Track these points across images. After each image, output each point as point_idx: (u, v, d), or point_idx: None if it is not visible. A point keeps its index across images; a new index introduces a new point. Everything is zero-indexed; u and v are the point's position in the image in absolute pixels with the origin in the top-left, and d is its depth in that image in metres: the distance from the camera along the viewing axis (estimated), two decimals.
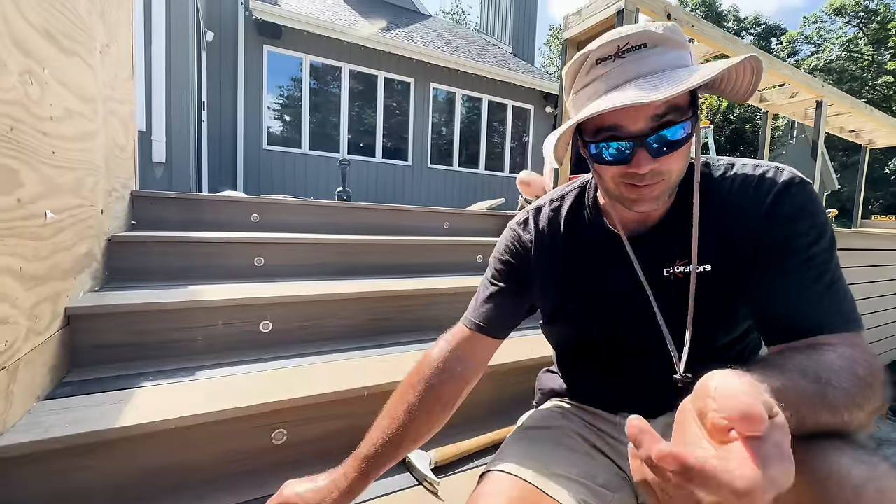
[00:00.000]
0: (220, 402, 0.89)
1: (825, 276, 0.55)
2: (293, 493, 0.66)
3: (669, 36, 0.53)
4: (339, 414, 1.00)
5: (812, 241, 0.56)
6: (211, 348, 1.19)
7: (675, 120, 0.54)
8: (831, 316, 0.53)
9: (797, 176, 0.59)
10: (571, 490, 0.65)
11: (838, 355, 0.48)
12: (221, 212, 1.89)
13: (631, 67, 0.53)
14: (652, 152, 0.55)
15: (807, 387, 0.43)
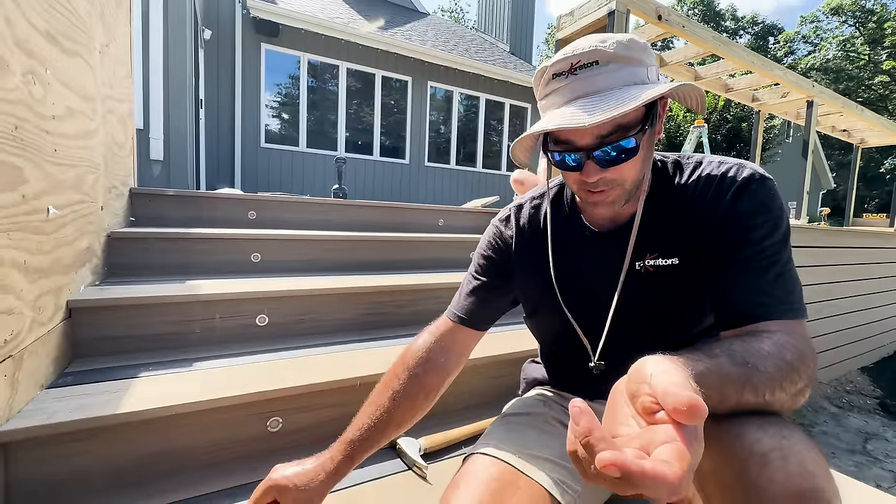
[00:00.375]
0: (216, 391, 0.93)
1: (774, 267, 0.58)
2: (282, 475, 0.67)
3: (622, 53, 0.56)
4: (333, 403, 1.03)
5: (765, 235, 0.59)
6: (209, 341, 1.22)
7: (620, 137, 0.57)
8: (775, 305, 0.57)
9: (757, 173, 0.62)
10: (548, 470, 0.68)
11: (773, 342, 0.51)
12: (219, 209, 1.92)
13: (579, 85, 0.57)
14: (600, 164, 0.59)
15: (732, 370, 0.46)
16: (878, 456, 2.78)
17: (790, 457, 0.42)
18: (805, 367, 0.50)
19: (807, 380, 0.50)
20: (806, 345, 0.53)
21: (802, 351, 0.52)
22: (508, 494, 0.63)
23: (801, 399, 0.51)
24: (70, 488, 0.79)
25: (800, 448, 0.43)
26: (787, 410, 0.51)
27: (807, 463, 0.41)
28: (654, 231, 0.69)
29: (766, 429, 0.44)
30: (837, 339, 3.68)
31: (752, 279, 0.59)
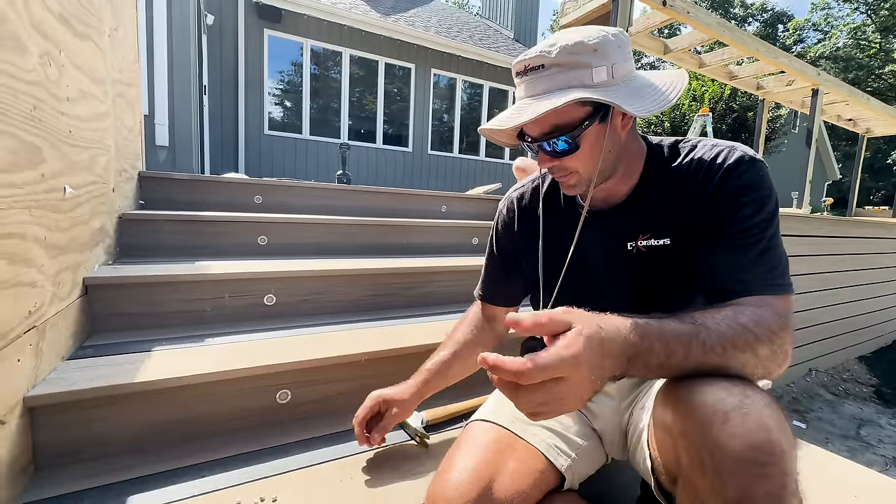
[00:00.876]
0: (228, 364, 0.97)
1: (758, 245, 0.61)
2: (385, 392, 0.90)
3: (562, 59, 0.61)
4: (339, 377, 1.08)
5: (751, 214, 0.62)
6: (219, 318, 1.27)
7: (558, 135, 0.64)
8: (753, 281, 0.60)
9: (747, 154, 0.65)
10: (543, 436, 0.73)
11: (735, 311, 0.55)
12: (226, 193, 1.95)
13: (528, 87, 0.64)
14: (548, 154, 0.67)
15: (679, 327, 0.51)
16: (872, 441, 2.83)
17: (750, 414, 0.45)
18: (767, 333, 0.53)
19: (771, 346, 0.53)
20: (776, 317, 0.56)
21: (767, 320, 0.54)
22: (507, 455, 0.68)
23: (772, 367, 0.54)
24: (91, 451, 0.84)
25: (759, 406, 0.46)
26: (759, 376, 0.54)
27: (764, 419, 0.45)
28: (647, 212, 0.72)
29: (730, 390, 0.48)
30: (836, 328, 3.71)
31: (735, 257, 0.62)
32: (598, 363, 0.46)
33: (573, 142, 0.64)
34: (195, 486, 0.79)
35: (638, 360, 0.49)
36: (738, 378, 0.51)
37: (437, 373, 0.91)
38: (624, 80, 0.64)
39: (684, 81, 0.68)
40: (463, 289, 1.68)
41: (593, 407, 0.83)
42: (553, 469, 0.70)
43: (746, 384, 0.50)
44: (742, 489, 0.43)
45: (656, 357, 0.49)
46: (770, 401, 0.48)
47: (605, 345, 0.46)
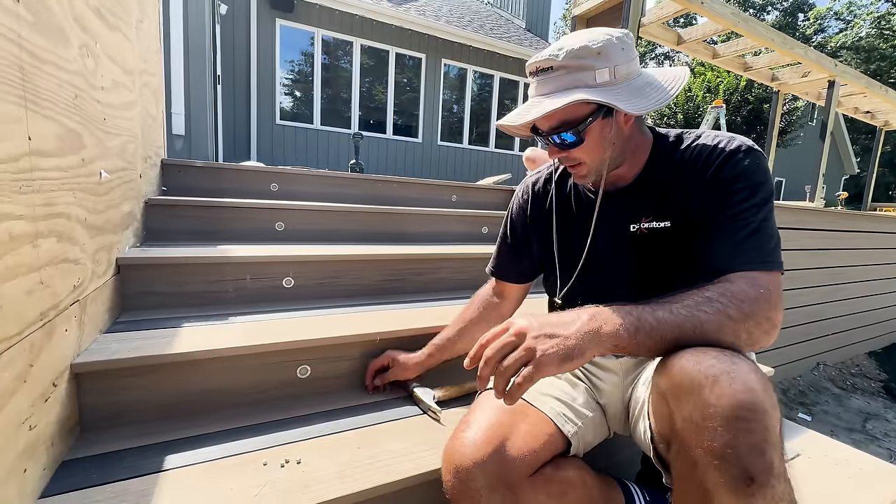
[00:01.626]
0: (252, 340, 1.03)
1: (748, 226, 0.66)
2: (395, 352, 1.11)
3: (567, 62, 0.68)
4: (356, 355, 1.13)
5: (743, 198, 0.67)
6: (241, 299, 1.33)
7: (563, 130, 0.71)
8: (740, 258, 0.65)
9: (745, 144, 0.70)
10: (553, 404, 0.79)
11: (705, 286, 0.62)
12: (243, 181, 2.01)
13: (540, 85, 0.71)
14: (557, 146, 0.74)
15: (646, 304, 0.62)
16: (877, 435, 2.85)
17: (737, 378, 0.50)
18: (735, 301, 0.59)
19: (741, 315, 0.59)
20: (753, 287, 0.61)
21: (735, 290, 0.61)
22: (519, 419, 0.73)
23: (757, 333, 0.60)
24: (130, 416, 0.91)
25: (745, 371, 0.51)
26: (745, 343, 0.59)
27: (750, 382, 0.50)
28: (650, 196, 0.77)
29: (719, 358, 0.53)
30: (846, 322, 3.70)
31: (726, 238, 0.67)
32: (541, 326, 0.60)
33: (578, 136, 0.71)
34: (224, 448, 0.85)
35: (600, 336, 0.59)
36: (728, 349, 0.56)
37: (442, 347, 1.04)
38: (626, 79, 0.70)
39: (685, 77, 0.73)
40: (472, 276, 1.73)
41: (598, 383, 0.88)
42: (560, 435, 0.75)
43: (735, 354, 0.55)
44: (729, 442, 0.47)
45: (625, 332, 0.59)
46: (755, 368, 0.53)
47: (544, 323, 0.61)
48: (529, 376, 0.55)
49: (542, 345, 0.57)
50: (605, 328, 0.58)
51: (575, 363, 0.56)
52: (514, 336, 0.59)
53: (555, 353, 0.56)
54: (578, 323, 0.59)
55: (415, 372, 1.07)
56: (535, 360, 0.56)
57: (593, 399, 0.86)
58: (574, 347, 0.56)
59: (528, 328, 0.59)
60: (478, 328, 1.01)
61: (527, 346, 0.57)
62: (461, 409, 1.08)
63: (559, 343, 0.57)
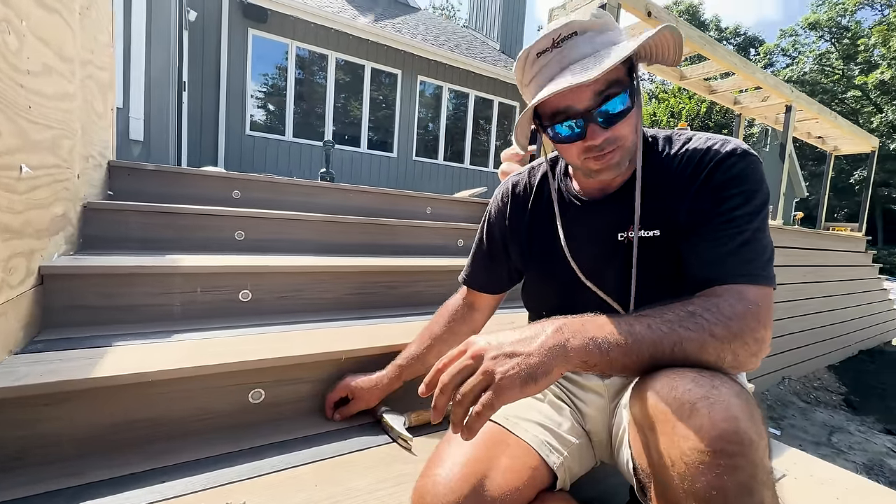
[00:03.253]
0: (196, 360, 0.90)
1: (740, 236, 0.60)
2: (353, 380, 0.98)
3: (595, 21, 0.60)
4: (318, 376, 1.02)
5: (736, 206, 0.61)
6: (189, 314, 1.19)
7: (616, 92, 0.61)
8: (729, 271, 0.59)
9: (739, 148, 0.64)
10: (536, 431, 0.70)
11: (689, 300, 0.56)
12: (202, 187, 1.87)
13: (566, 55, 0.60)
14: (602, 125, 0.62)
15: (624, 317, 0.55)
16: (843, 448, 2.91)
17: (716, 404, 0.44)
18: (723, 319, 0.53)
19: (728, 333, 0.52)
20: (741, 303, 0.55)
21: (722, 305, 0.54)
22: (499, 450, 0.64)
23: (743, 353, 0.53)
24: (38, 454, 0.76)
25: (727, 395, 0.45)
26: (731, 364, 0.53)
27: (732, 409, 0.43)
28: (640, 203, 0.71)
29: (698, 381, 0.46)
30: (807, 337, 3.82)
31: (715, 247, 0.61)
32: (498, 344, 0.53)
33: (631, 100, 0.62)
34: (153, 491, 0.72)
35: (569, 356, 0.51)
36: (708, 370, 0.49)
37: (407, 367, 0.95)
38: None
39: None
40: (447, 290, 1.64)
41: (583, 407, 0.80)
42: (545, 467, 0.67)
43: (715, 375, 0.48)
44: (712, 483, 0.41)
45: (598, 356, 0.52)
46: (739, 390, 0.47)
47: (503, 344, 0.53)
48: (489, 404, 0.47)
49: (502, 366, 0.49)
50: (573, 342, 0.51)
51: (540, 384, 0.49)
52: (471, 359, 0.51)
53: (515, 374, 0.48)
54: (542, 337, 0.52)
55: (379, 398, 0.97)
56: (495, 385, 0.48)
57: (579, 424, 0.78)
58: (537, 366, 0.49)
59: (486, 348, 0.52)
60: (446, 344, 0.93)
61: (484, 369, 0.49)
62: (437, 434, 0.98)
63: (520, 362, 0.49)
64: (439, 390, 0.51)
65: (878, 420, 3.37)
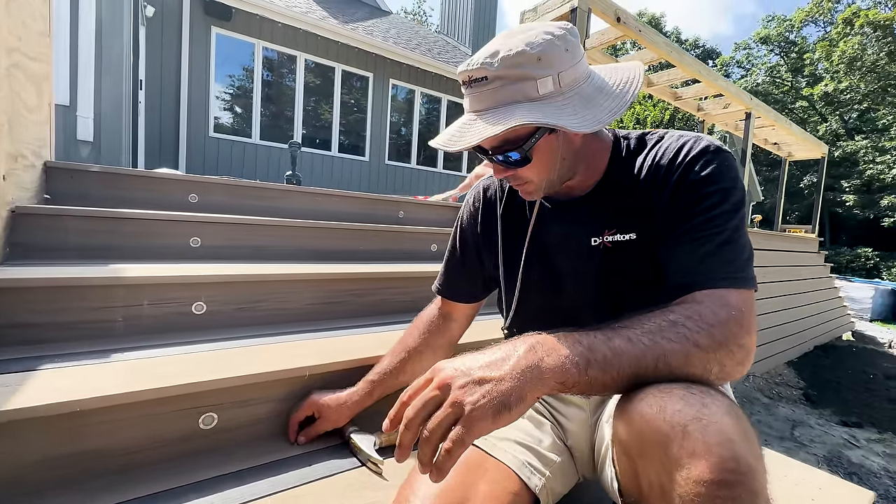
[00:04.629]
0: (138, 384, 0.80)
1: (718, 237, 0.57)
2: (320, 398, 0.90)
3: (505, 72, 0.57)
4: (277, 396, 0.93)
5: (713, 204, 0.58)
6: (134, 330, 1.08)
7: (509, 149, 0.61)
8: (708, 275, 0.56)
9: (713, 145, 0.62)
10: (515, 451, 0.65)
11: (668, 308, 0.53)
12: (155, 190, 1.73)
13: (474, 100, 0.61)
14: (501, 165, 0.64)
15: (601, 329, 0.51)
16: (805, 441, 3.02)
17: (710, 426, 0.40)
18: (705, 327, 0.49)
19: (712, 343, 0.49)
20: (723, 309, 0.52)
21: (704, 312, 0.51)
22: (476, 476, 0.59)
23: (729, 363, 0.49)
24: None
25: (719, 415, 0.41)
26: (717, 376, 0.49)
27: (726, 429, 0.40)
28: (612, 205, 0.68)
29: (687, 398, 0.43)
30: (769, 335, 3.98)
31: (693, 249, 0.58)
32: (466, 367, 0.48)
33: (524, 155, 0.61)
34: None
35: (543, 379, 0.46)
36: (695, 384, 0.46)
37: (381, 382, 0.89)
38: (573, 86, 0.60)
39: (640, 77, 0.65)
40: (421, 297, 1.58)
41: (564, 421, 0.76)
42: (527, 491, 0.62)
43: (704, 391, 0.44)
44: None
45: (575, 376, 0.47)
46: (729, 406, 0.43)
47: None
48: (459, 440, 0.42)
49: (471, 395, 0.44)
50: (548, 361, 0.46)
51: (514, 413, 0.44)
52: (437, 389, 0.46)
53: (486, 403, 0.43)
54: (514, 358, 0.47)
55: (348, 417, 0.90)
56: (464, 417, 0.43)
57: (560, 440, 0.74)
58: (509, 392, 0.44)
59: (454, 376, 0.46)
60: (422, 358, 0.89)
61: (452, 400, 0.44)
62: (410, 458, 0.91)
63: (490, 390, 0.44)
64: (404, 426, 0.46)
65: (834, 413, 3.53)
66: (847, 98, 17.46)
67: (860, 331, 6.07)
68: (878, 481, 2.54)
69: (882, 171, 15.20)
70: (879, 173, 15.30)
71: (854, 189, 16.42)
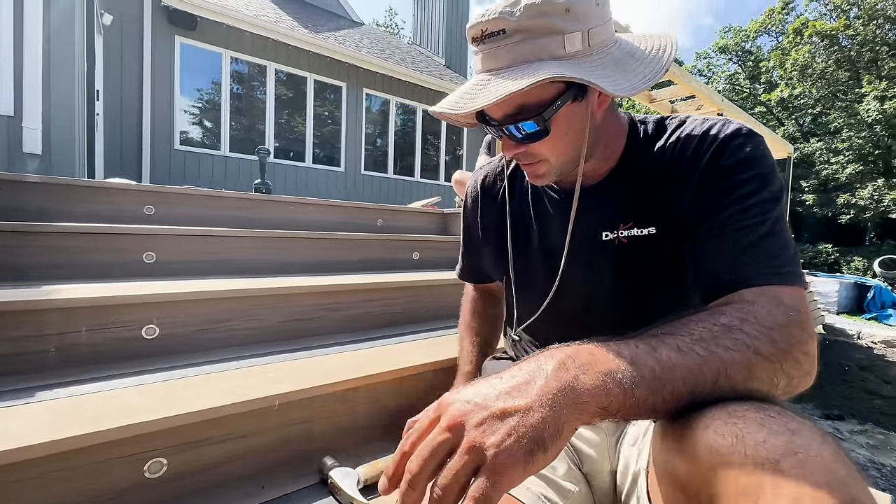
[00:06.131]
0: (66, 429, 0.66)
1: (760, 227, 0.49)
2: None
3: (528, 24, 0.49)
4: (241, 432, 0.80)
5: (751, 192, 0.51)
6: (70, 361, 0.92)
7: (522, 118, 0.53)
8: (754, 270, 0.48)
9: (744, 127, 0.55)
10: (530, 484, 0.57)
11: (715, 311, 0.44)
12: (105, 201, 1.57)
13: (488, 57, 0.52)
14: (513, 139, 0.56)
15: (644, 338, 0.41)
16: None
17: (809, 463, 0.30)
18: (762, 329, 0.41)
19: (773, 344, 0.40)
20: (779, 309, 0.43)
21: (760, 313, 0.42)
22: None
23: (795, 373, 0.41)
24: None
25: (816, 446, 0.31)
26: (783, 390, 0.41)
27: (832, 468, 0.30)
28: (627, 196, 0.61)
29: (768, 424, 0.33)
30: None
31: (732, 242, 0.50)
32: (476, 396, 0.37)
33: (543, 125, 0.52)
34: None
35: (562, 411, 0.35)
36: (765, 402, 0.37)
37: (478, 366, 0.86)
38: (602, 47, 0.52)
39: (673, 45, 0.57)
40: (408, 307, 1.47)
41: (580, 445, 0.66)
42: None
43: (782, 411, 0.35)
44: None
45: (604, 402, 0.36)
46: (824, 436, 0.33)
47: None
48: (484, 497, 0.31)
49: (493, 435, 0.33)
50: (584, 380, 0.36)
51: (551, 452, 0.33)
52: (447, 431, 0.34)
53: (514, 444, 0.32)
54: (541, 379, 0.36)
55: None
56: (488, 465, 0.32)
57: (576, 466, 0.64)
58: (542, 425, 0.33)
59: (465, 411, 0.35)
60: (495, 329, 0.91)
61: (469, 444, 0.33)
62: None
63: (517, 425, 0.33)
64: (407, 485, 0.34)
65: (816, 406, 3.58)
66: (801, 103, 18.45)
67: (830, 324, 6.27)
68: (867, 473, 2.56)
69: (836, 171, 16.04)
70: (834, 173, 16.15)
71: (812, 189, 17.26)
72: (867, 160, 15.56)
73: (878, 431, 3.10)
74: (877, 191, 14.60)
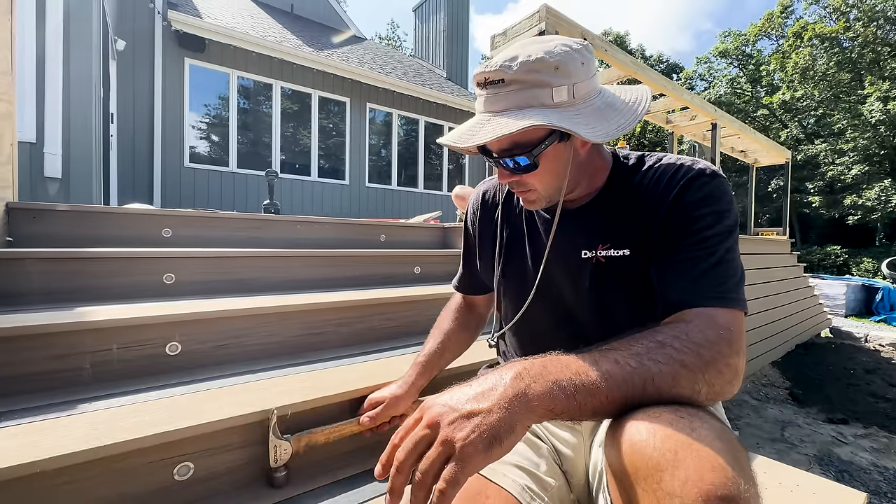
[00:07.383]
0: (104, 437, 0.75)
1: (711, 258, 0.58)
2: (379, 393, 0.97)
3: (523, 76, 0.59)
4: (258, 439, 0.88)
5: (707, 226, 0.60)
6: (102, 377, 1.02)
7: (518, 153, 0.61)
8: (700, 294, 0.56)
9: (709, 168, 0.64)
10: (515, 476, 0.65)
11: (667, 328, 0.53)
12: (127, 226, 1.68)
13: (489, 101, 0.61)
14: (507, 170, 0.65)
15: (585, 353, 0.50)
16: (795, 441, 3.04)
17: (702, 450, 0.40)
18: (693, 347, 0.49)
19: (699, 362, 0.49)
20: (712, 328, 0.52)
21: (691, 331, 0.51)
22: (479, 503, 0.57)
23: (718, 382, 0.49)
24: None
25: (709, 438, 0.41)
26: (707, 396, 0.49)
27: (718, 453, 0.40)
28: (607, 221, 0.70)
29: (675, 422, 0.43)
30: (753, 337, 4.05)
31: (685, 269, 0.59)
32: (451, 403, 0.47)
33: (532, 160, 0.62)
34: None
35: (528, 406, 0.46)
36: (685, 406, 0.46)
37: (429, 364, 0.95)
38: (586, 98, 0.62)
39: (647, 98, 0.67)
40: (406, 322, 1.55)
41: (560, 446, 0.74)
42: None
43: (693, 414, 0.44)
44: None
45: (557, 403, 0.46)
46: (721, 430, 0.43)
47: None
48: (453, 479, 0.41)
49: (460, 431, 0.43)
50: (535, 388, 0.45)
51: (506, 445, 0.43)
52: (427, 427, 0.45)
53: (476, 438, 0.42)
54: (500, 388, 0.46)
55: (412, 399, 0.96)
56: (457, 454, 0.42)
57: (556, 464, 0.72)
58: (499, 423, 0.43)
59: (442, 413, 0.45)
60: (461, 336, 0.98)
61: (443, 438, 0.43)
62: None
63: (480, 423, 0.43)
64: (395, 469, 0.44)
65: (820, 410, 3.58)
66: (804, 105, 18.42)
67: (837, 327, 6.25)
68: (869, 477, 2.57)
69: (842, 171, 15.96)
70: (840, 174, 16.06)
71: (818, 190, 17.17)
72: (873, 161, 15.46)
73: (882, 435, 3.11)
74: (884, 191, 14.50)
